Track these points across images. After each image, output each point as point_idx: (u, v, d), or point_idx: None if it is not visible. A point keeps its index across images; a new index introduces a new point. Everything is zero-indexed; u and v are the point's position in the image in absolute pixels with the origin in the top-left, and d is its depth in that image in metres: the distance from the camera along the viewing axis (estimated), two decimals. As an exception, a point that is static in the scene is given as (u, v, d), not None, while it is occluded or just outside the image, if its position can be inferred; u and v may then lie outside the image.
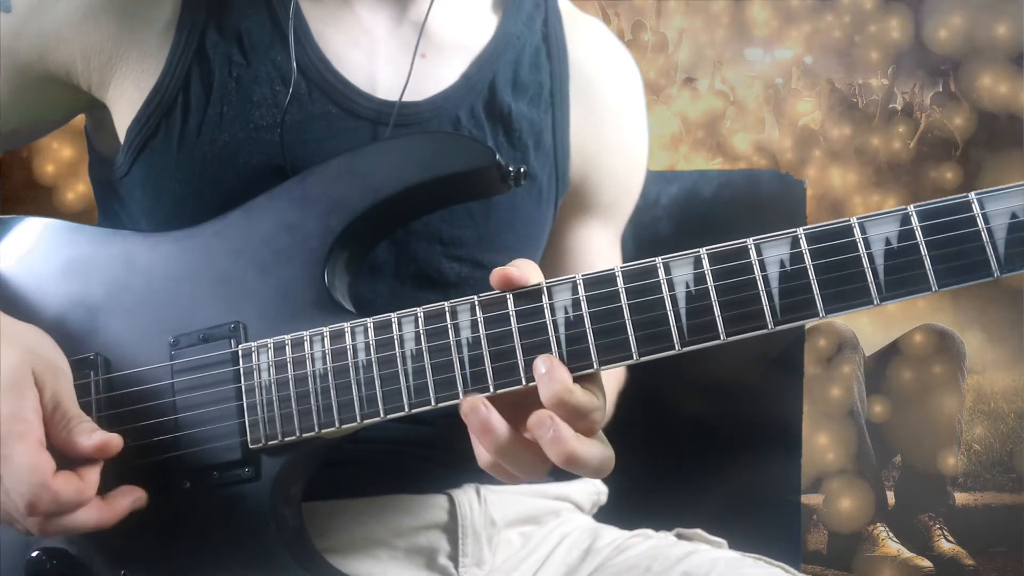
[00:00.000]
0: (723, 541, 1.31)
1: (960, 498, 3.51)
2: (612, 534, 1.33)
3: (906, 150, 3.63)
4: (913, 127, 3.64)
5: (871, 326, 3.56)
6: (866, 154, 3.63)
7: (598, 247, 1.42)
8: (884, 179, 3.61)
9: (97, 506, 1.01)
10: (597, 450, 0.96)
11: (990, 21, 3.51)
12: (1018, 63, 3.50)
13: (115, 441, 1.02)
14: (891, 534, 3.44)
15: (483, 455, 0.97)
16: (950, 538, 3.43)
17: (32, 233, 1.18)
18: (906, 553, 3.40)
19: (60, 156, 3.47)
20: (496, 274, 0.98)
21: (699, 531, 1.33)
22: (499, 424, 0.94)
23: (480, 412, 0.94)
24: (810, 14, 3.63)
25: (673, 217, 1.72)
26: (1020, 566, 3.38)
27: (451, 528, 1.24)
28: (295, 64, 1.18)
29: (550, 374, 0.94)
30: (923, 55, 3.60)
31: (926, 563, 3.39)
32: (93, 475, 1.01)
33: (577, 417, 0.94)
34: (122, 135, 1.22)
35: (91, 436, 1.01)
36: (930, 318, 3.53)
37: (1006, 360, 3.54)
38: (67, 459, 1.00)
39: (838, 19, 3.61)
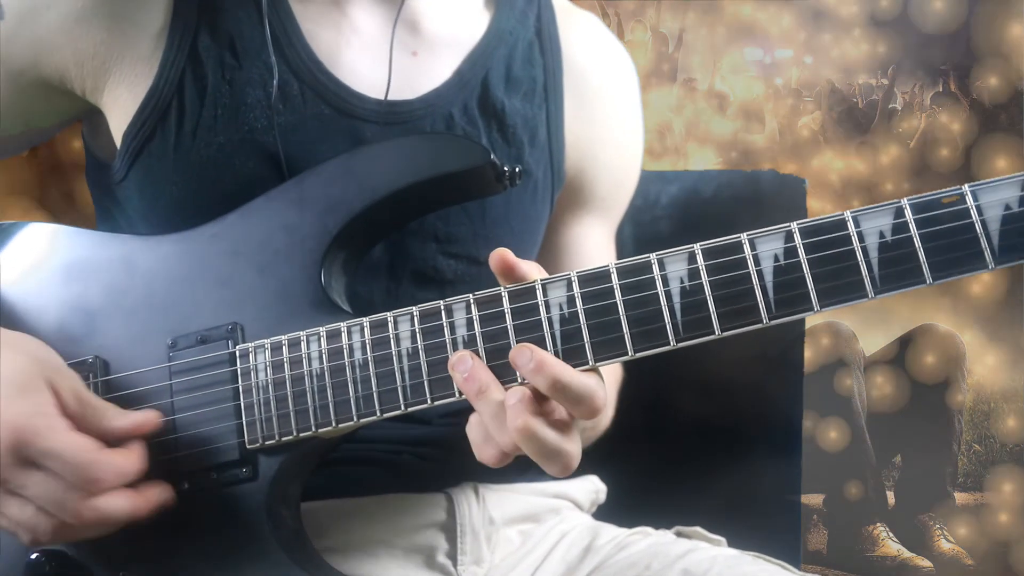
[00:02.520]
0: (722, 539, 1.31)
1: (960, 498, 3.51)
2: (612, 532, 1.33)
3: (906, 150, 3.63)
4: (913, 127, 3.64)
5: (871, 326, 3.55)
6: (866, 154, 3.63)
7: (594, 242, 1.42)
8: (884, 179, 3.61)
9: (131, 495, 1.01)
10: (555, 436, 0.94)
11: (990, 21, 3.51)
12: (1018, 63, 3.50)
13: (150, 417, 1.05)
14: (891, 534, 3.44)
15: (475, 432, 0.97)
16: (950, 538, 3.43)
17: (32, 239, 1.18)
18: (906, 553, 3.40)
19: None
20: (495, 254, 0.98)
21: (699, 529, 1.33)
22: (486, 375, 0.95)
23: (466, 361, 0.95)
24: (810, 14, 3.63)
25: (673, 217, 1.72)
26: (1020, 566, 3.38)
27: (450, 527, 1.24)
28: (274, 59, 1.19)
29: (539, 366, 0.93)
30: (923, 55, 3.60)
31: (926, 563, 3.38)
32: (138, 447, 1.03)
33: (578, 400, 0.93)
34: (118, 140, 1.22)
35: (126, 417, 1.03)
36: (930, 318, 3.53)
37: (1006, 360, 3.54)
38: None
39: (838, 19, 3.61)
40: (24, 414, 0.97)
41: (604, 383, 0.97)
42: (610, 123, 1.40)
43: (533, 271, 0.99)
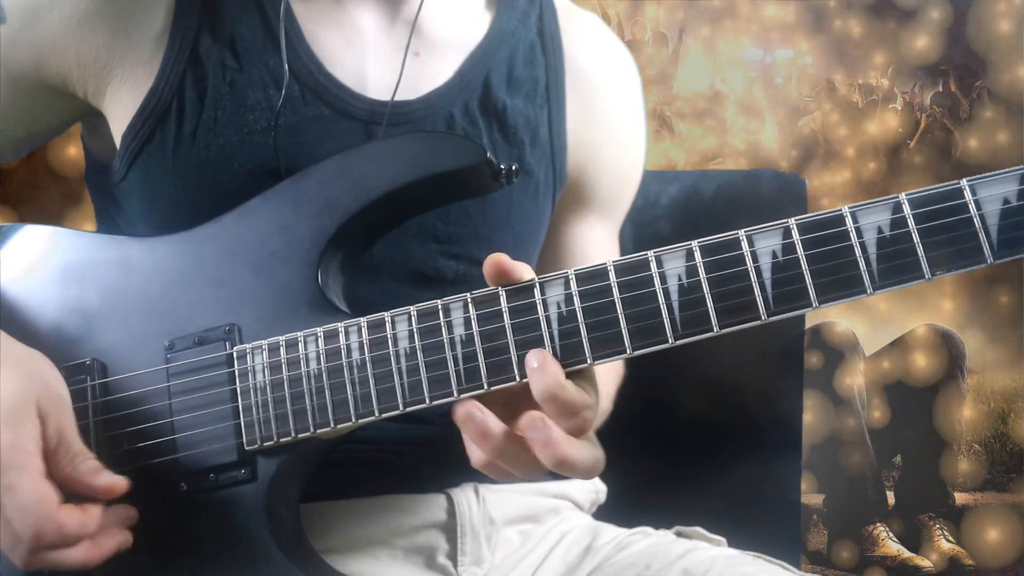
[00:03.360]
0: (722, 539, 1.31)
1: (960, 498, 3.51)
2: (612, 532, 1.33)
3: (906, 150, 3.64)
4: (913, 127, 3.64)
5: (871, 326, 3.56)
6: (866, 154, 3.63)
7: (596, 243, 1.41)
8: (884, 179, 3.61)
9: (86, 545, 1.00)
10: (588, 452, 0.96)
11: (991, 21, 3.52)
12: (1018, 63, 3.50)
13: (120, 483, 1.02)
14: (891, 534, 3.44)
15: (477, 455, 0.97)
16: (950, 538, 3.43)
17: (29, 240, 1.18)
18: (906, 553, 3.40)
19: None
20: (490, 260, 0.98)
21: (699, 529, 1.32)
22: (496, 427, 0.94)
23: (476, 418, 0.94)
24: (811, 14, 3.63)
25: (673, 217, 1.72)
26: (1020, 566, 3.38)
27: (450, 527, 1.24)
28: (287, 67, 1.19)
29: (542, 368, 0.94)
30: (923, 55, 3.60)
31: (926, 563, 3.39)
32: (95, 510, 1.01)
33: (568, 414, 0.94)
34: (118, 141, 1.22)
35: (99, 476, 1.01)
36: (930, 318, 3.53)
37: (1006, 360, 3.54)
38: (66, 493, 1.00)
39: (838, 19, 3.61)
40: (6, 443, 0.96)
41: (599, 397, 0.98)
42: (612, 124, 1.40)
43: (526, 274, 0.99)
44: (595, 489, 1.43)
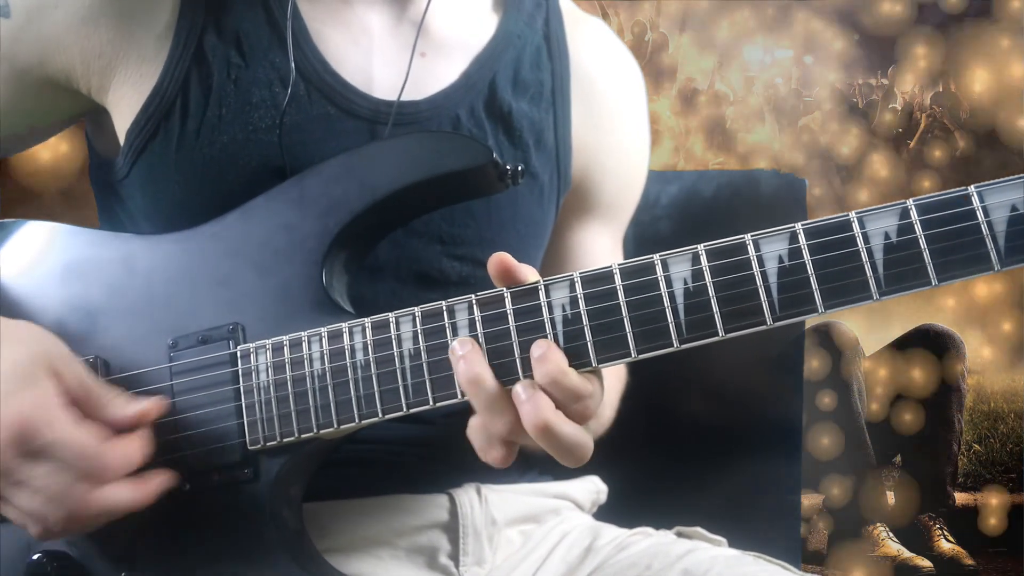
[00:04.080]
0: (723, 539, 1.31)
1: (960, 498, 3.52)
2: (612, 532, 1.33)
3: (906, 150, 3.64)
4: (913, 127, 3.64)
5: (871, 326, 3.56)
6: (866, 154, 3.63)
7: (600, 246, 1.41)
8: (884, 179, 3.61)
9: (134, 484, 1.01)
10: (572, 429, 0.95)
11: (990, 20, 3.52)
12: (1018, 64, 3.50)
13: (154, 405, 1.05)
14: (891, 534, 3.44)
15: (473, 425, 0.97)
16: (950, 538, 3.44)
17: (32, 237, 1.18)
18: (906, 553, 3.40)
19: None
20: (495, 258, 0.98)
21: (699, 529, 1.33)
22: (488, 373, 0.95)
23: (466, 345, 0.96)
24: (811, 15, 3.63)
25: (673, 217, 1.72)
26: (1020, 566, 3.38)
27: (452, 527, 1.24)
28: (293, 66, 1.18)
29: (544, 356, 0.94)
30: (923, 55, 3.60)
31: (926, 563, 3.39)
32: (143, 436, 1.03)
33: (571, 399, 0.94)
34: (122, 138, 1.22)
35: (130, 405, 1.03)
36: (930, 318, 3.54)
37: (1006, 360, 3.54)
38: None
39: (839, 19, 3.61)
40: (27, 407, 0.97)
41: (603, 388, 0.98)
42: (617, 129, 1.40)
43: (531, 275, 0.99)
44: (596, 489, 1.43)
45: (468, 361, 0.96)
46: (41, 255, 1.17)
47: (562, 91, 1.34)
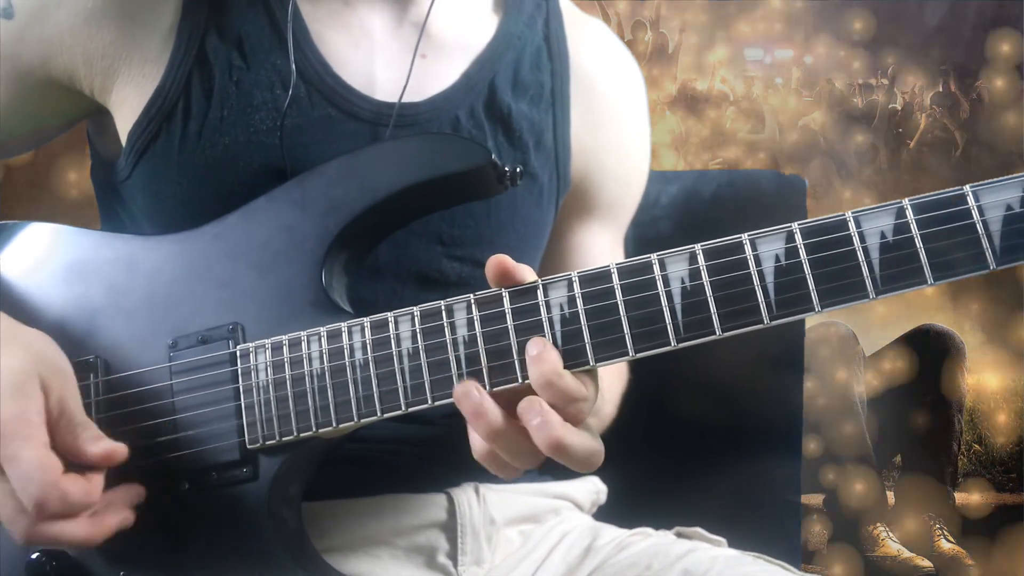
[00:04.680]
0: (723, 540, 1.31)
1: (960, 498, 3.51)
2: (612, 532, 1.33)
3: (906, 150, 3.63)
4: (913, 127, 3.64)
5: (871, 326, 3.56)
6: (866, 154, 3.63)
7: (600, 247, 1.42)
8: (884, 179, 3.61)
9: (87, 520, 1.00)
10: (584, 440, 0.95)
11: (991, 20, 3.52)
12: (1018, 63, 3.50)
13: (120, 450, 1.02)
14: (891, 534, 3.44)
15: (477, 443, 0.96)
16: (950, 538, 3.43)
17: (35, 238, 1.19)
18: (906, 553, 3.40)
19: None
20: (492, 260, 0.98)
21: (699, 530, 1.33)
22: (492, 408, 0.94)
23: (473, 396, 0.94)
24: (810, 14, 3.63)
25: (673, 217, 1.72)
26: (1020, 566, 3.38)
27: (450, 527, 1.24)
28: (294, 68, 1.19)
29: (540, 356, 0.94)
30: (923, 55, 3.60)
31: (926, 563, 3.38)
32: (98, 480, 1.01)
33: (565, 401, 0.94)
34: (124, 139, 1.22)
35: (97, 444, 1.01)
36: (930, 318, 3.53)
37: (1006, 360, 3.54)
38: (70, 464, 1.00)
39: (838, 19, 3.61)
40: (8, 414, 0.97)
41: (599, 389, 0.98)
42: (617, 130, 1.40)
43: (529, 276, 0.99)
44: (595, 490, 1.43)
45: (470, 398, 0.95)
46: (43, 256, 1.17)
47: (562, 92, 1.34)
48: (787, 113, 3.64)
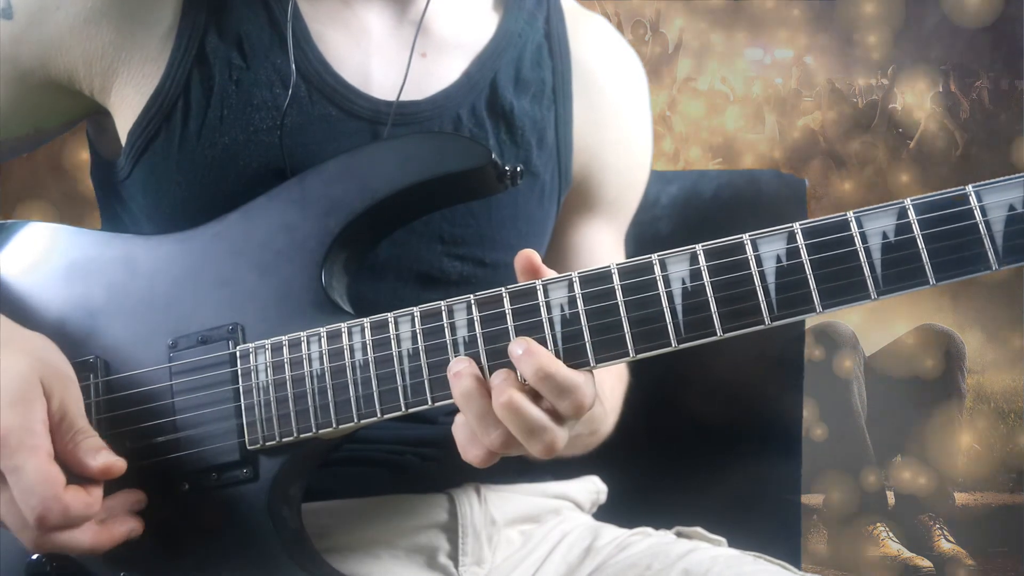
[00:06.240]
0: (723, 539, 1.31)
1: (960, 498, 3.52)
2: (612, 532, 1.33)
3: (906, 150, 3.64)
4: (913, 127, 3.64)
5: (871, 326, 3.56)
6: (866, 154, 3.63)
7: (601, 245, 1.41)
8: (884, 179, 3.61)
9: (94, 529, 1.01)
10: (539, 412, 0.95)
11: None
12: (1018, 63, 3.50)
13: (119, 464, 1.02)
14: (891, 534, 3.44)
15: (459, 424, 0.98)
16: (950, 538, 3.44)
17: (35, 238, 1.19)
18: (906, 553, 3.40)
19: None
20: (522, 254, 0.99)
21: (699, 529, 1.33)
22: (468, 367, 0.96)
23: (461, 362, 0.97)
24: (810, 14, 3.63)
25: (673, 217, 1.72)
26: (1020, 566, 3.38)
27: (451, 527, 1.24)
28: (294, 67, 1.19)
29: (528, 352, 0.94)
30: (923, 55, 3.60)
31: (926, 563, 3.39)
32: (98, 491, 1.01)
33: (563, 391, 0.94)
34: (124, 138, 1.22)
35: (97, 457, 1.01)
36: (930, 318, 3.54)
37: (1006, 360, 3.54)
38: (69, 472, 1.00)
39: (838, 19, 3.61)
40: (12, 424, 0.97)
41: (594, 382, 0.98)
42: (619, 126, 1.40)
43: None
44: (596, 490, 1.43)
45: (460, 376, 0.96)
46: (43, 255, 1.17)
47: (563, 89, 1.34)
48: (787, 113, 3.64)
